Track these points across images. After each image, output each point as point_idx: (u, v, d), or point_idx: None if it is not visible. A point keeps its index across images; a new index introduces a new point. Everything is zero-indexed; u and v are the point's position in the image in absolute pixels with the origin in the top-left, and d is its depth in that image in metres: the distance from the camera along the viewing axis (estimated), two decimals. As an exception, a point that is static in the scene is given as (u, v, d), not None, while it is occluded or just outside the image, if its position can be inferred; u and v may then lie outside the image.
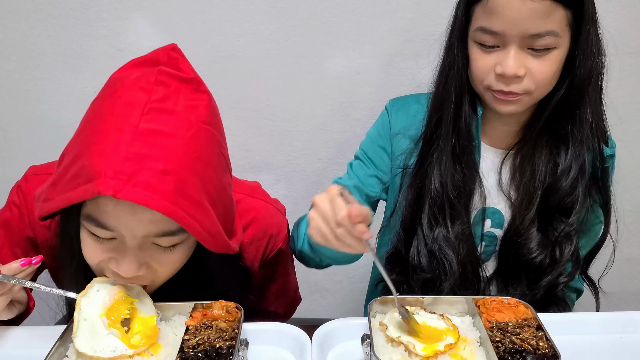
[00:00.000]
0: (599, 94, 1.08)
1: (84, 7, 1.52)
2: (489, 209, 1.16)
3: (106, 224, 0.81)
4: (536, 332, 0.87)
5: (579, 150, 1.08)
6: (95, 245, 0.85)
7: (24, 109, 1.65)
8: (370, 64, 1.61)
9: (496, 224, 1.17)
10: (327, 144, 1.71)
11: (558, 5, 0.95)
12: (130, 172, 0.75)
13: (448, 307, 0.97)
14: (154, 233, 0.83)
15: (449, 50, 1.09)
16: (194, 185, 0.80)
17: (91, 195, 0.76)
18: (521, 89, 1.00)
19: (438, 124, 1.12)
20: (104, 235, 0.83)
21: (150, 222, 0.81)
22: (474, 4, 1.02)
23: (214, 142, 0.86)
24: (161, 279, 0.91)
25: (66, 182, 0.79)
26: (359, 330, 0.92)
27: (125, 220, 0.81)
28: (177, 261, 0.89)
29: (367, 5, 1.54)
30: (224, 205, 0.89)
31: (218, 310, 0.92)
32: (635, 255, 1.86)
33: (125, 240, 0.83)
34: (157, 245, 0.85)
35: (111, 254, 0.85)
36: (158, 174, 0.76)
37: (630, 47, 1.58)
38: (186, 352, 0.83)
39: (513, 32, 0.97)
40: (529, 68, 0.99)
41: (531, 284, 1.14)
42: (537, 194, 1.11)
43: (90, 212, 0.82)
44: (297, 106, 1.66)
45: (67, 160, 0.81)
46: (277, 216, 1.14)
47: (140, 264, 0.85)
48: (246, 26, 1.56)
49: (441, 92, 1.11)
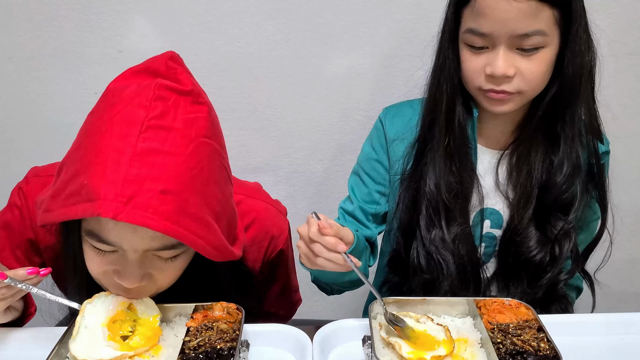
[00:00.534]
0: (591, 91, 1.09)
1: (85, 9, 1.52)
2: (487, 210, 1.16)
3: (107, 240, 0.82)
4: (537, 334, 0.87)
5: (572, 148, 1.09)
6: (98, 258, 0.86)
7: (25, 111, 1.65)
8: (370, 65, 1.61)
9: (495, 225, 1.18)
10: (327, 145, 1.71)
11: (545, 5, 0.95)
12: (130, 194, 0.75)
13: (449, 309, 0.97)
14: (155, 247, 0.84)
15: (440, 52, 1.10)
16: (196, 203, 0.80)
17: (91, 215, 0.76)
18: (512, 88, 1.01)
19: (431, 126, 1.12)
20: (105, 248, 0.84)
21: (151, 239, 0.82)
22: (463, 7, 1.03)
23: (214, 156, 0.86)
24: (163, 287, 0.91)
25: (66, 196, 0.79)
26: (360, 332, 0.92)
27: (126, 238, 0.81)
28: (178, 269, 0.90)
29: (368, 7, 1.54)
30: (228, 216, 0.89)
31: (219, 312, 0.92)
32: (636, 255, 1.86)
33: (126, 254, 0.84)
34: (158, 257, 0.86)
35: (114, 266, 0.85)
36: (157, 194, 0.76)
37: (629, 48, 1.58)
38: (187, 354, 0.83)
39: (501, 33, 0.97)
40: (519, 68, 1.00)
41: (532, 282, 1.14)
42: (534, 192, 1.11)
43: (92, 228, 0.82)
44: (297, 107, 1.66)
45: (67, 174, 0.81)
46: (278, 217, 1.14)
47: (142, 276, 0.85)
48: (246, 27, 1.56)
49: (434, 94, 1.12)
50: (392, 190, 1.21)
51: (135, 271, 0.84)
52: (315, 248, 0.92)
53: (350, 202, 1.25)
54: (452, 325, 0.93)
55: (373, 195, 1.23)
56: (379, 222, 1.25)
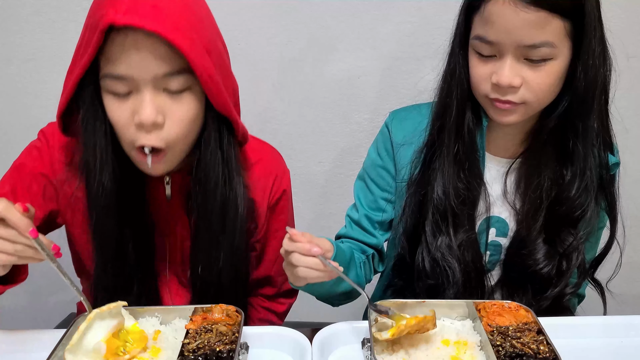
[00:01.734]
0: (605, 105, 1.06)
1: (85, 11, 1.50)
2: (493, 218, 1.16)
3: (119, 74, 0.88)
4: (537, 336, 0.87)
5: (585, 163, 1.06)
6: (118, 105, 0.91)
7: (25, 112, 1.65)
8: (371, 67, 1.61)
9: (501, 233, 1.17)
10: (327, 147, 1.71)
11: (555, 16, 0.93)
12: (127, 5, 0.84)
13: (448, 311, 0.97)
14: (161, 73, 0.88)
15: (451, 57, 1.08)
16: (188, 21, 0.88)
17: (100, 33, 0.84)
18: (518, 98, 0.99)
19: (440, 132, 1.11)
20: (121, 89, 0.90)
21: (155, 58, 0.87)
22: (473, 13, 1.01)
23: (208, 10, 0.98)
24: (174, 136, 0.93)
25: (78, 56, 0.90)
26: (359, 334, 0.92)
27: (133, 61, 0.87)
28: (184, 115, 0.93)
29: (368, 9, 1.55)
30: (220, 58, 0.96)
31: (218, 314, 0.92)
32: (636, 259, 1.86)
33: (140, 87, 0.89)
34: (167, 92, 0.91)
35: (132, 107, 0.90)
36: (166, 7, 0.86)
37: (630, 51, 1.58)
38: (186, 356, 0.83)
39: (507, 42, 0.95)
40: (525, 78, 0.97)
41: (537, 294, 1.13)
42: (543, 204, 1.09)
43: (105, 69, 0.89)
44: (297, 109, 1.66)
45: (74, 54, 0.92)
46: (282, 161, 1.22)
47: (157, 110, 0.90)
48: (247, 30, 1.56)
49: (444, 99, 1.10)
50: (398, 196, 1.20)
51: (149, 103, 0.89)
52: (293, 259, 0.92)
53: (355, 210, 1.25)
54: (452, 328, 0.93)
55: (379, 202, 1.22)
56: (385, 229, 1.24)
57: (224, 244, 1.05)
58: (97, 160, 0.95)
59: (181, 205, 1.08)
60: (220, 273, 1.06)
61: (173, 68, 0.89)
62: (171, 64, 0.88)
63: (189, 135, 0.96)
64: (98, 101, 0.93)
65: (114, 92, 0.91)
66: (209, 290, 1.07)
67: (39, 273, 1.70)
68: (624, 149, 1.18)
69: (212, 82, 0.91)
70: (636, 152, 1.68)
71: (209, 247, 1.05)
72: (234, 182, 1.03)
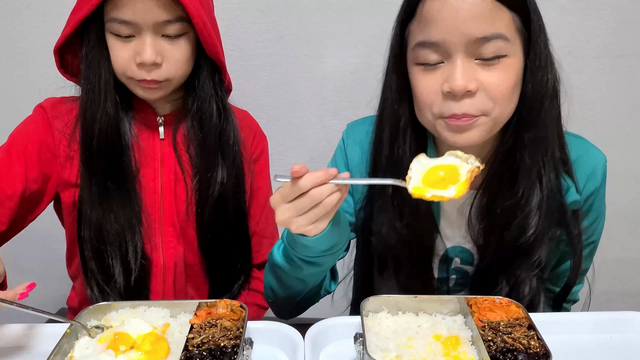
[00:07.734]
0: (557, 116, 0.97)
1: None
2: (456, 248, 1.10)
3: (125, 18, 1.01)
4: (528, 332, 0.87)
5: (533, 181, 0.96)
6: (121, 45, 1.05)
7: (13, 106, 1.63)
8: (363, 63, 1.61)
9: (466, 262, 1.11)
10: (319, 143, 1.71)
11: (502, 6, 0.85)
12: None
13: (440, 306, 0.97)
14: (162, 19, 1.02)
15: (386, 88, 1.01)
16: None
17: None
18: (476, 109, 0.88)
19: (377, 171, 1.02)
20: (124, 31, 1.03)
21: (157, 6, 1.00)
22: (408, 23, 0.93)
23: None
24: (172, 74, 1.07)
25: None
26: (351, 329, 0.92)
27: (137, 8, 1.00)
28: (180, 57, 1.07)
29: (360, 5, 1.55)
30: (210, 11, 1.11)
31: (222, 309, 0.91)
32: (624, 256, 1.88)
33: (142, 31, 1.02)
34: (165, 36, 1.04)
35: (134, 49, 1.04)
36: None
37: (621, 50, 1.60)
38: (190, 351, 0.83)
39: (455, 39, 0.85)
40: (481, 81, 0.87)
41: None
42: (500, 232, 1.01)
43: (112, 16, 1.02)
44: (289, 105, 1.66)
45: None
46: (261, 129, 1.33)
47: (156, 51, 1.03)
48: (239, 24, 1.55)
49: (378, 134, 1.02)
50: (357, 219, 1.13)
51: (149, 47, 1.03)
52: (315, 194, 0.81)
53: None
54: (443, 323, 0.94)
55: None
56: None
57: (223, 171, 1.17)
58: (101, 91, 1.08)
59: (172, 144, 1.18)
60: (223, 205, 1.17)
61: (172, 16, 1.02)
62: (171, 12, 1.01)
63: (183, 74, 1.10)
64: (102, 40, 1.06)
65: (118, 34, 1.04)
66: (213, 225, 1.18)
67: (28, 269, 1.69)
68: (613, 146, 1.18)
69: (205, 29, 1.04)
70: (624, 148, 1.70)
71: (210, 172, 1.16)
72: (228, 113, 1.17)
